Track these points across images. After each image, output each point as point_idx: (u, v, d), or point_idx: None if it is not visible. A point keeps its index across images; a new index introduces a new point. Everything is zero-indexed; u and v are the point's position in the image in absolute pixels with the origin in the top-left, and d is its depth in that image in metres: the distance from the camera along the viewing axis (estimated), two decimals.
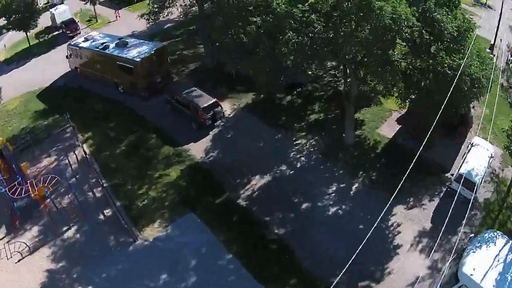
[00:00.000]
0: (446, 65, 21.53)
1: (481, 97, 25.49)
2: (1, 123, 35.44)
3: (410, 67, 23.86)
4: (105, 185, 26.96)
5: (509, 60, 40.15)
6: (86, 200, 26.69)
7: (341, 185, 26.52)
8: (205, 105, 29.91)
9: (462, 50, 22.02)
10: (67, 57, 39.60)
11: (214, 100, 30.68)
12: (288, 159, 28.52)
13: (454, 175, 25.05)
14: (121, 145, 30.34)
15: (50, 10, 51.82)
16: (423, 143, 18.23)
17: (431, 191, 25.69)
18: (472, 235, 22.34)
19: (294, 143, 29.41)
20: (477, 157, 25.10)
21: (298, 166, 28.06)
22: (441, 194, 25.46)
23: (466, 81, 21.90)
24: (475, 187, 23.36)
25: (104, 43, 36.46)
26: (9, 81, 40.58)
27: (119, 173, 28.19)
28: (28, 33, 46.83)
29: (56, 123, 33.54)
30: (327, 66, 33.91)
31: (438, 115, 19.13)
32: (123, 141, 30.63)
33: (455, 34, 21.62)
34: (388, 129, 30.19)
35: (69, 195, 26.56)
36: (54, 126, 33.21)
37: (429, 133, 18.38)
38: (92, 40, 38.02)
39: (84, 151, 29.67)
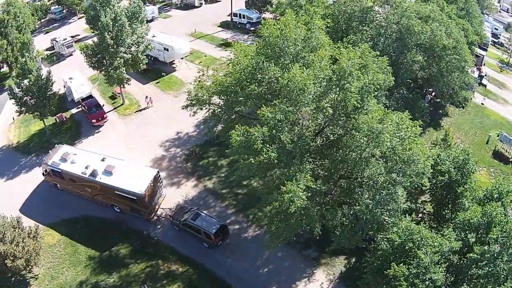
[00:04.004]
0: None
1: None
2: (47, 265, 31.64)
3: None
4: None
5: None
6: None
7: None
8: (216, 231, 32.60)
9: None
10: (43, 174, 36.95)
11: (222, 223, 33.51)
12: None
13: None
14: None
15: (64, 79, 46.42)
16: None
17: None
18: None
19: None
20: None
21: None
22: None
23: None
24: None
25: (88, 165, 34.60)
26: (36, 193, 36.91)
27: None
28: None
29: (124, 281, 30.94)
30: None
31: None
32: None
33: None
34: None
35: None
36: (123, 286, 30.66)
37: None
38: (71, 161, 35.33)
39: None
